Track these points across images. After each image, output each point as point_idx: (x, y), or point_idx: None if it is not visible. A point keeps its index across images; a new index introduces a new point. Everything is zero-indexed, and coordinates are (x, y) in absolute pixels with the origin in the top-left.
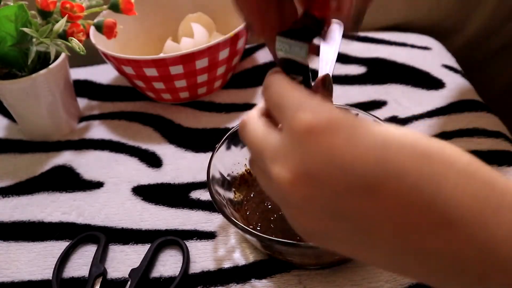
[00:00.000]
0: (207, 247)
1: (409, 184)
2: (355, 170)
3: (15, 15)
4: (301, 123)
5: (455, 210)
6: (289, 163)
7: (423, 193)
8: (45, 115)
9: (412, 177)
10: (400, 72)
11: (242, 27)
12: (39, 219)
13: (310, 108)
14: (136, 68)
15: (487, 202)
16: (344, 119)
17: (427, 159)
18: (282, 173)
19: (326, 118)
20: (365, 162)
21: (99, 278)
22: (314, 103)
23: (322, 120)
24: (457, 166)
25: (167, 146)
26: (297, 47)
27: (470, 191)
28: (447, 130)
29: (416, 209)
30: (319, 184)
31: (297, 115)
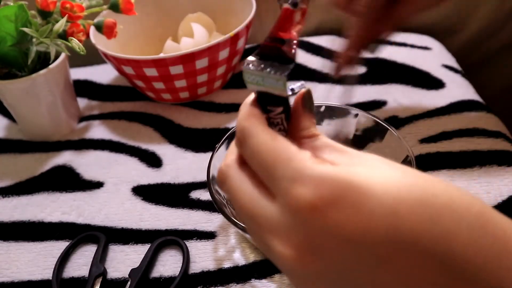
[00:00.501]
0: (207, 247)
1: (421, 248)
2: (366, 243)
3: (15, 15)
4: (302, 200)
5: (469, 267)
6: (293, 240)
7: (436, 255)
8: (45, 115)
9: (424, 241)
10: (400, 72)
11: (242, 28)
12: (39, 219)
13: (308, 182)
14: (136, 68)
15: (499, 259)
16: (348, 188)
17: (436, 218)
18: (285, 251)
19: (329, 193)
20: (375, 234)
21: (99, 278)
22: (311, 173)
23: (325, 195)
24: (467, 220)
25: (167, 146)
26: (272, 80)
27: (482, 248)
28: (447, 130)
29: (429, 271)
30: (327, 259)
31: (295, 189)
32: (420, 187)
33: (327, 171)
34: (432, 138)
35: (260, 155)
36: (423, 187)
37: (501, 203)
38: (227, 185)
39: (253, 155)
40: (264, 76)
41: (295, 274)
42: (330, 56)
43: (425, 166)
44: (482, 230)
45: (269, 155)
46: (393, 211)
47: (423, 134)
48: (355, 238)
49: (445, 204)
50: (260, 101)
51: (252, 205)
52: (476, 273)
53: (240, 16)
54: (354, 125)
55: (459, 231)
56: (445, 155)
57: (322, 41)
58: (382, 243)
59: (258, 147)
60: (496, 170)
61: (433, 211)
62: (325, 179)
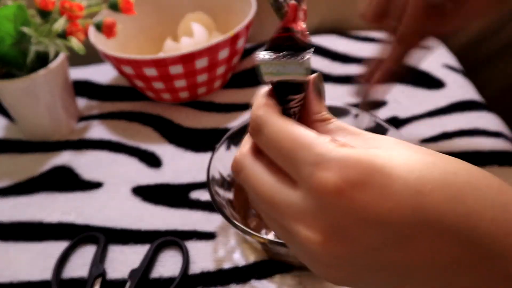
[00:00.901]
0: (207, 247)
1: (446, 227)
2: (392, 224)
3: (14, 14)
4: (327, 184)
5: (493, 244)
6: (318, 224)
7: (461, 232)
8: (44, 115)
9: (448, 219)
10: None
11: (242, 27)
12: (38, 219)
13: (332, 165)
14: (135, 68)
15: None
16: (372, 170)
17: (460, 196)
18: (312, 235)
19: (354, 175)
20: (401, 214)
21: (99, 278)
22: (334, 156)
23: (350, 177)
24: (490, 197)
25: (166, 146)
26: (294, 65)
27: (506, 225)
28: (448, 130)
29: (455, 249)
30: (354, 242)
31: (319, 174)
32: (441, 166)
33: (350, 154)
34: (433, 138)
35: (279, 142)
36: (444, 166)
37: None
38: (243, 174)
39: (271, 143)
40: (284, 64)
41: (321, 259)
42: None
43: None
44: (505, 207)
45: (288, 142)
46: (417, 190)
47: (423, 134)
48: (382, 219)
49: (467, 182)
50: (278, 92)
51: (272, 193)
52: (501, 249)
53: (240, 15)
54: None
55: (483, 208)
56: None
57: (323, 40)
58: (408, 223)
59: (276, 134)
60: (497, 170)
61: (456, 189)
62: (349, 162)
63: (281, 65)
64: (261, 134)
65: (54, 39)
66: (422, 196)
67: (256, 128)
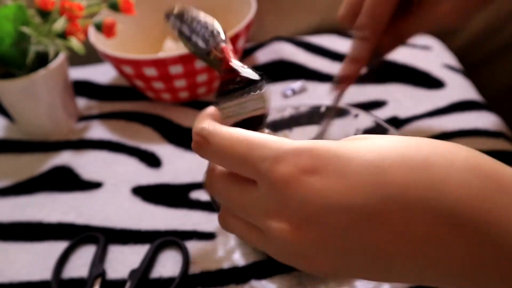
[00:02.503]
0: (206, 247)
1: (411, 198)
2: (355, 203)
3: (13, 14)
4: (283, 175)
5: (464, 210)
6: (286, 215)
7: (428, 203)
8: (44, 115)
9: (413, 191)
10: (400, 72)
11: (242, 28)
12: (38, 219)
13: (286, 157)
14: (135, 67)
15: (493, 199)
16: (327, 155)
17: (423, 166)
18: (282, 226)
19: (309, 162)
20: (361, 193)
21: (99, 278)
22: (289, 148)
23: (304, 165)
24: (456, 165)
25: (166, 146)
26: (254, 101)
27: (475, 190)
28: (448, 130)
29: (424, 220)
30: (322, 226)
31: (276, 168)
32: (403, 143)
33: (304, 144)
34: (433, 138)
35: (231, 148)
36: (406, 142)
37: None
38: (215, 187)
39: (222, 151)
40: (244, 103)
41: (298, 250)
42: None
43: None
44: (473, 172)
45: (241, 145)
46: (376, 166)
47: (423, 134)
48: (341, 200)
49: (431, 153)
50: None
51: (240, 198)
52: (472, 215)
53: (240, 15)
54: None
55: (448, 175)
56: None
57: (323, 41)
58: (371, 200)
59: (227, 141)
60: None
61: (419, 160)
62: (303, 150)
63: (240, 105)
64: (208, 147)
65: (54, 39)
66: (381, 171)
67: (202, 141)
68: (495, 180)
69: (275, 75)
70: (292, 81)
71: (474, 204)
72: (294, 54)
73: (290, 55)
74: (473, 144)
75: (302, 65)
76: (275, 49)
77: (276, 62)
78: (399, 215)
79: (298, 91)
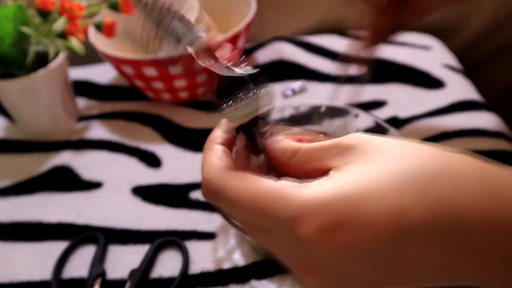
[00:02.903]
0: (206, 247)
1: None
2: (376, 250)
3: (13, 14)
4: (307, 235)
5: (482, 235)
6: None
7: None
8: (44, 115)
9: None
10: (400, 72)
11: (243, 27)
12: (38, 219)
13: (306, 217)
14: (135, 67)
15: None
16: (344, 205)
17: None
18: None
19: (329, 221)
20: (384, 239)
21: (99, 278)
22: (306, 207)
23: (326, 224)
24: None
25: (166, 146)
26: (260, 99)
27: (494, 215)
28: (448, 130)
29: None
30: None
31: (297, 229)
32: (420, 171)
33: (319, 199)
34: (433, 138)
35: (243, 205)
36: (423, 169)
37: None
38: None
39: (234, 207)
40: (250, 102)
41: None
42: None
43: None
44: (490, 197)
45: (255, 202)
46: (397, 212)
47: (423, 134)
48: (365, 250)
49: (448, 183)
50: (246, 130)
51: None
52: (491, 237)
53: (240, 15)
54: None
55: (467, 207)
56: None
57: (323, 41)
58: (391, 245)
59: (237, 199)
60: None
61: (438, 192)
62: (321, 208)
63: (247, 105)
64: (220, 199)
65: (53, 39)
66: (402, 216)
67: (212, 194)
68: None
69: (275, 75)
70: (292, 81)
71: (493, 227)
72: (294, 54)
73: (290, 55)
74: (473, 144)
75: (302, 65)
76: (275, 49)
77: (276, 62)
78: (423, 250)
79: (298, 91)
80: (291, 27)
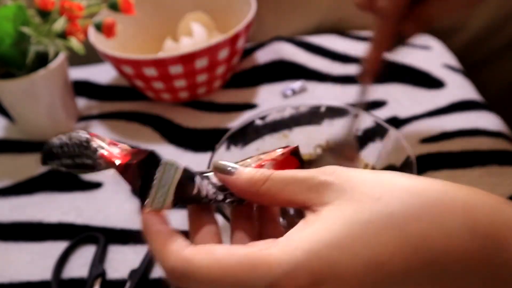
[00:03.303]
0: None
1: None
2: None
3: (13, 14)
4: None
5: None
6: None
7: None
8: (44, 115)
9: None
10: (400, 72)
11: (242, 27)
12: (38, 219)
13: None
14: (135, 68)
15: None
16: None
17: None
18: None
19: (307, 280)
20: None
21: (99, 278)
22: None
23: (304, 284)
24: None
25: (166, 146)
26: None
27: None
28: (448, 130)
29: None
30: None
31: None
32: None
33: (298, 260)
34: (433, 138)
35: (221, 282)
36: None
37: None
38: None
39: (213, 285)
40: (155, 189)
41: None
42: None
43: (426, 166)
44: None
45: (231, 276)
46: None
47: (423, 134)
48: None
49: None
50: (185, 200)
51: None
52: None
53: (240, 15)
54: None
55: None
56: (446, 155)
57: (323, 41)
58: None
59: (206, 280)
60: (496, 170)
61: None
62: (299, 269)
63: (160, 187)
64: (192, 284)
65: (53, 39)
66: (383, 265)
67: (182, 282)
68: (493, 239)
69: (275, 75)
70: (292, 81)
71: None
72: (294, 54)
73: (290, 55)
74: (473, 144)
75: (302, 65)
76: (275, 49)
77: (276, 62)
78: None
79: (298, 91)
80: (291, 27)
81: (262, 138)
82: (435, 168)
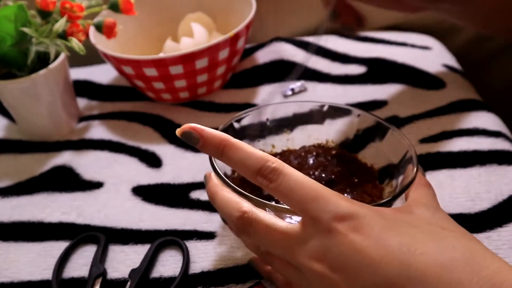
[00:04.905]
0: (207, 247)
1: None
2: (382, 269)
3: (14, 15)
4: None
5: None
6: (327, 259)
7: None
8: (45, 115)
9: (431, 284)
10: (400, 72)
11: (242, 27)
12: (38, 219)
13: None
14: (135, 68)
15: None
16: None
17: (449, 268)
18: (323, 267)
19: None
20: (390, 265)
21: (99, 278)
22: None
23: (356, 225)
24: (482, 274)
25: (167, 146)
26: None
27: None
28: (447, 130)
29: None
30: (351, 277)
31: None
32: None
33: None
34: (432, 138)
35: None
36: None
37: (501, 202)
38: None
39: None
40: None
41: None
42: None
43: (426, 166)
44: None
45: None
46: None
47: (423, 134)
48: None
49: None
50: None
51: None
52: None
53: (240, 15)
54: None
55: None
56: (445, 155)
57: (322, 41)
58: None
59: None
60: (496, 170)
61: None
62: (358, 213)
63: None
64: (249, 229)
65: (54, 39)
66: (411, 255)
67: (245, 226)
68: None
69: (275, 75)
70: (292, 82)
71: None
72: (294, 54)
73: (290, 55)
74: (473, 144)
75: (302, 65)
76: (275, 49)
77: (276, 62)
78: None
79: (298, 91)
80: (291, 27)
81: (264, 138)
82: (435, 168)
